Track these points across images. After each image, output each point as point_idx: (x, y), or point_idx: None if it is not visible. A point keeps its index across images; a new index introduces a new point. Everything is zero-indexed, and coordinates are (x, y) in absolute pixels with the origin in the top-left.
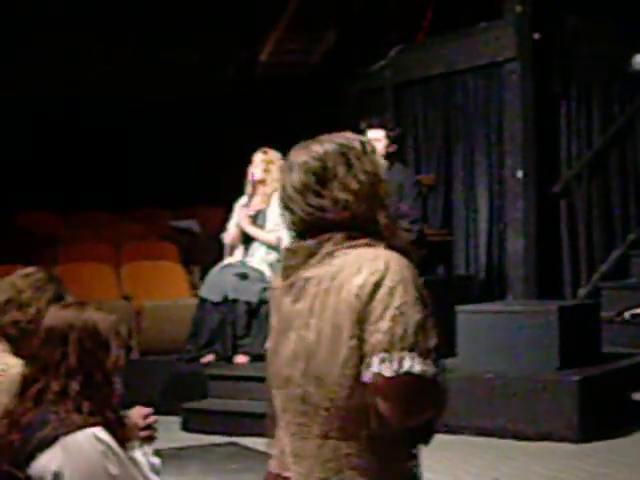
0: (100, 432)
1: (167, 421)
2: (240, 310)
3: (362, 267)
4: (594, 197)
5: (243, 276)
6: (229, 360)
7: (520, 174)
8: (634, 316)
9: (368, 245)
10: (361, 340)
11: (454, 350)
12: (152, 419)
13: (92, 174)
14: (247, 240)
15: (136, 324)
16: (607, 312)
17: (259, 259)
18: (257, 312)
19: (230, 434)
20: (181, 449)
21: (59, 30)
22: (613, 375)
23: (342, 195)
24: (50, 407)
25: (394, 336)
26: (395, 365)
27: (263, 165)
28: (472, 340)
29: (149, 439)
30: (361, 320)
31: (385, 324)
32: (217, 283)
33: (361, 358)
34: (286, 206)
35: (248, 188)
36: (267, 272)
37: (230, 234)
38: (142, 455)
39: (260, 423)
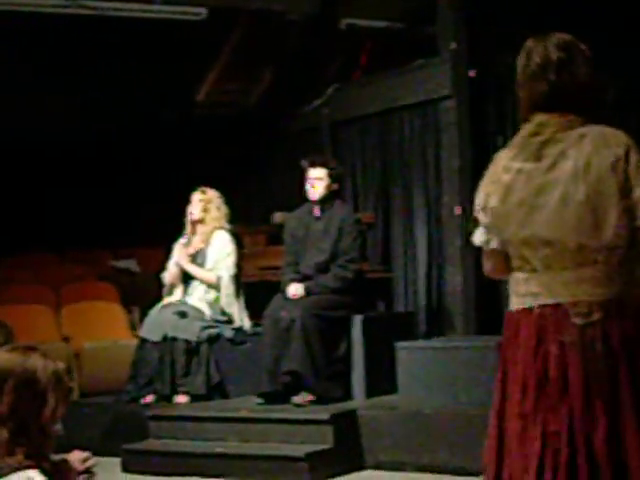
0: (35, 474)
1: (108, 462)
2: (179, 349)
3: (609, 141)
4: None
5: (182, 314)
6: (169, 399)
7: (458, 210)
8: None
9: (597, 124)
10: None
11: (395, 386)
12: (90, 463)
13: (29, 216)
14: (187, 279)
15: (76, 365)
16: None
17: (198, 298)
18: (196, 351)
19: (171, 474)
20: None
21: None
22: None
23: (583, 70)
24: None
25: None
26: None
27: (201, 204)
28: (412, 376)
29: None
30: (620, 188)
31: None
32: (156, 322)
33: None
34: (532, 78)
35: (187, 227)
36: (206, 311)
37: (170, 273)
38: None
39: (200, 463)
